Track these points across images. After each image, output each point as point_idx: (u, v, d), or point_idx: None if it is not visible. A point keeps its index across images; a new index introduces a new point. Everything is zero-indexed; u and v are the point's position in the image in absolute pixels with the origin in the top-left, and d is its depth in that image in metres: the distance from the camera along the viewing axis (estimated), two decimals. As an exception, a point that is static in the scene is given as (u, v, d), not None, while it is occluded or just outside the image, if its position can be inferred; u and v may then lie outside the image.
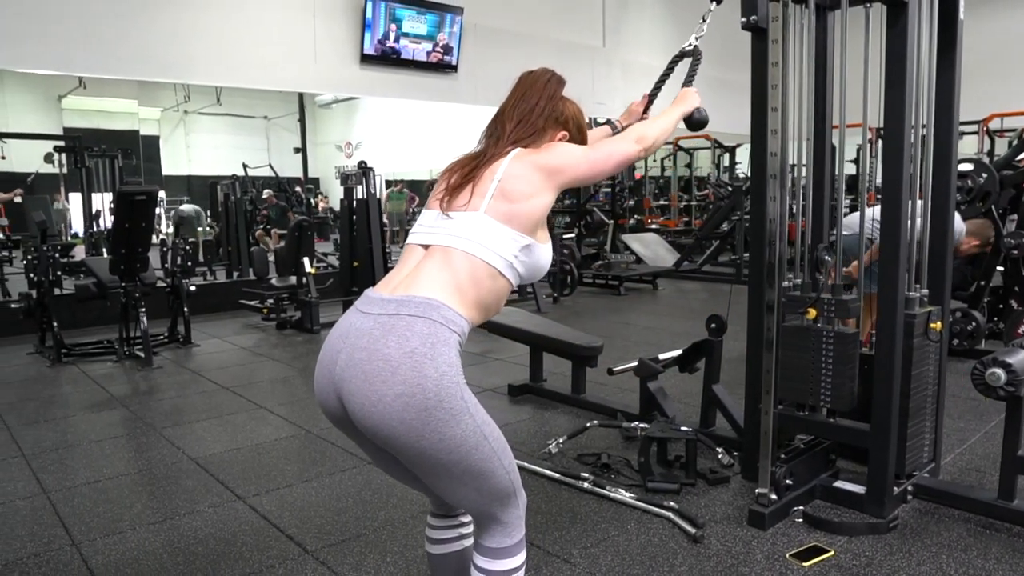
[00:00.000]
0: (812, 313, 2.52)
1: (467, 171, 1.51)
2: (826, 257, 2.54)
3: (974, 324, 4.55)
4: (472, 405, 1.38)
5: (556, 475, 2.98)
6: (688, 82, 2.00)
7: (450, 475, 1.39)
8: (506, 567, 1.48)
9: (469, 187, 1.48)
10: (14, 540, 2.55)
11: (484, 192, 1.46)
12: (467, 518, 1.68)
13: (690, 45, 2.14)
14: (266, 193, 12.01)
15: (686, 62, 2.13)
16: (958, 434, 3.40)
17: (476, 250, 1.43)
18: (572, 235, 9.80)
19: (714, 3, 2.34)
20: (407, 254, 1.52)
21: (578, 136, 1.66)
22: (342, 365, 1.37)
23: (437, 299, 1.39)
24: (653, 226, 12.52)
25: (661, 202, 13.96)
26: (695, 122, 1.88)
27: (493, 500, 1.45)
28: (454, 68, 8.97)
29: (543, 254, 1.53)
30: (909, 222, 2.48)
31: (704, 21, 2.21)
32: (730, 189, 10.53)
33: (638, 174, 14.35)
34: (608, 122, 1.98)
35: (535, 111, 1.57)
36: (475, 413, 1.38)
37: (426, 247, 1.49)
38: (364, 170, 6.85)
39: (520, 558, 1.51)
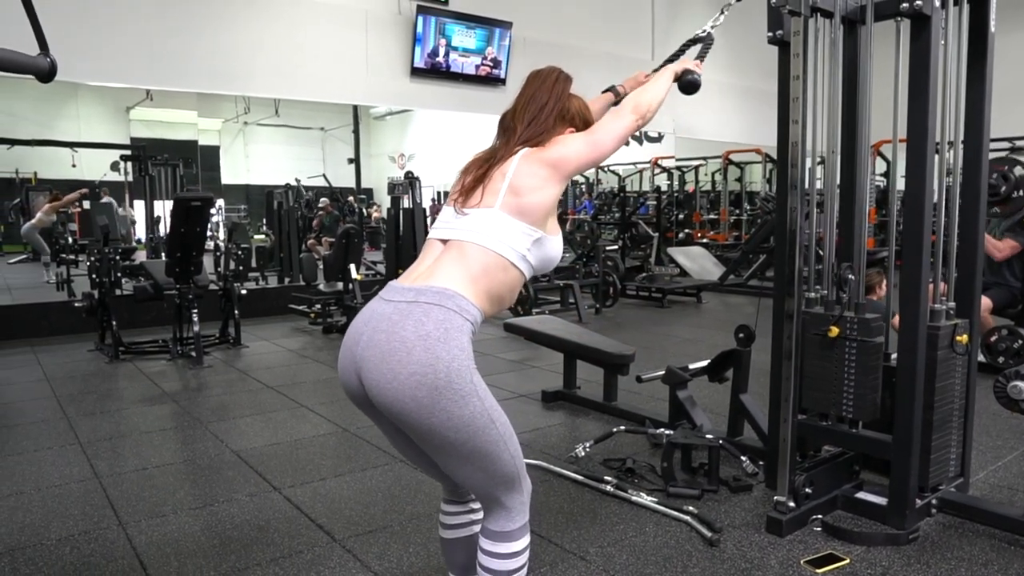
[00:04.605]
0: (834, 331, 2.55)
1: (480, 173, 1.62)
2: (850, 276, 2.56)
3: (1020, 342, 4.44)
4: (481, 389, 1.47)
5: (580, 477, 3.04)
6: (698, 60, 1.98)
7: (458, 454, 1.48)
8: (509, 550, 1.56)
9: (481, 188, 1.59)
10: (68, 518, 2.73)
11: (497, 190, 1.57)
12: (477, 505, 1.76)
13: (704, 32, 2.13)
14: (323, 202, 12.28)
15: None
16: (994, 451, 3.34)
17: (490, 243, 1.54)
18: (616, 247, 9.81)
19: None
20: (427, 248, 1.63)
21: (583, 130, 1.73)
22: (363, 346, 1.48)
23: (453, 289, 1.49)
24: (703, 240, 12.44)
25: (711, 216, 13.86)
26: (686, 83, 1.85)
27: (498, 483, 1.54)
28: (503, 81, 9.12)
29: (554, 246, 1.64)
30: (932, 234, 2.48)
31: (723, 13, 2.20)
32: (779, 203, 10.41)
33: (690, 187, 14.27)
34: (611, 88, 2.04)
35: (544, 111, 1.67)
36: (484, 397, 1.47)
37: (444, 242, 1.59)
38: (411, 180, 7.03)
39: (523, 543, 1.58)
